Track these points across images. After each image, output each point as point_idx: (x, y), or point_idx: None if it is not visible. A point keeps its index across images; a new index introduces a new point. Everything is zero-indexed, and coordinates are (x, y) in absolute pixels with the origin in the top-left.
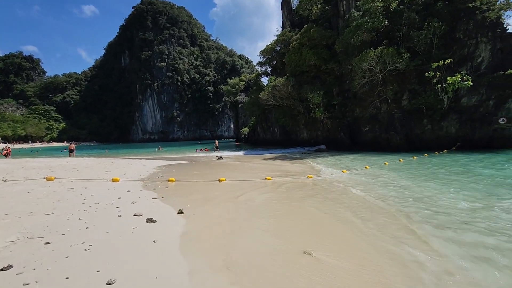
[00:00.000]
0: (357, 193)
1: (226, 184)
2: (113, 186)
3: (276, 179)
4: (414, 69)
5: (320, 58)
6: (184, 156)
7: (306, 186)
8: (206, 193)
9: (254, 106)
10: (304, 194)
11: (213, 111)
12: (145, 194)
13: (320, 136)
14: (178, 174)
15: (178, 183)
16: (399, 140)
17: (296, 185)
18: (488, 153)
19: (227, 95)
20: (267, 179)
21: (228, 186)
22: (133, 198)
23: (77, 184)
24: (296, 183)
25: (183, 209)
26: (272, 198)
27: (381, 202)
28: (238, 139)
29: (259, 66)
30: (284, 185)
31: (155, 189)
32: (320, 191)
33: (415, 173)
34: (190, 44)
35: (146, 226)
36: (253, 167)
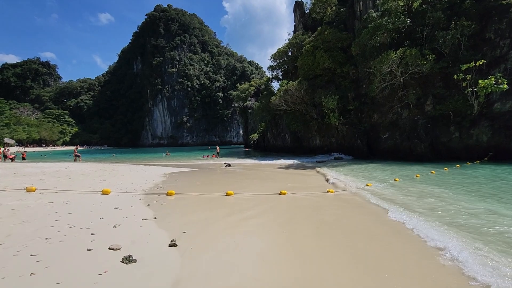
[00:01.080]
0: (422, 233)
1: (234, 199)
2: (100, 201)
3: (291, 193)
4: (438, 72)
5: (335, 61)
6: (190, 163)
7: (330, 205)
8: (209, 211)
9: (264, 111)
10: (331, 218)
11: (222, 117)
12: (135, 213)
13: (334, 143)
14: (181, 184)
15: (179, 197)
16: (423, 148)
17: (316, 203)
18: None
19: (237, 100)
20: (282, 193)
21: (236, 202)
22: (117, 219)
23: (59, 197)
24: (316, 200)
25: (177, 238)
26: (290, 224)
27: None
28: (247, 145)
29: (270, 70)
30: (302, 203)
31: (150, 205)
32: (351, 215)
33: (469, 190)
34: (201, 50)
35: (120, 270)
36: (264, 177)
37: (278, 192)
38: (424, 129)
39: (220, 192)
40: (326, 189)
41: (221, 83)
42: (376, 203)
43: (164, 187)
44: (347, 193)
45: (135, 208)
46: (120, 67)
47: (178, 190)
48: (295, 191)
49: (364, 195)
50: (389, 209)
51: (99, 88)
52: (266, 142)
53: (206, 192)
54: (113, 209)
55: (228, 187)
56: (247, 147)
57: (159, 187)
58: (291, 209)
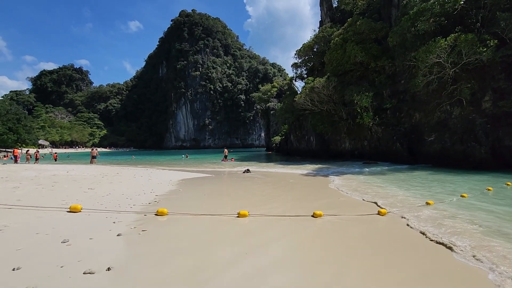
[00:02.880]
0: None
1: (249, 223)
2: (53, 226)
3: (328, 214)
4: (499, 62)
5: (369, 54)
6: (206, 167)
7: (395, 241)
8: (205, 250)
9: (287, 112)
10: (415, 270)
11: (244, 120)
12: (86, 254)
13: (367, 146)
14: (185, 196)
15: (171, 219)
16: (483, 153)
17: (370, 236)
18: None
19: (259, 102)
20: (316, 215)
21: (251, 229)
22: (43, 272)
23: (4, 217)
24: (368, 229)
25: None
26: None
27: None
28: (269, 148)
29: (293, 68)
30: (349, 233)
31: (121, 235)
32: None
33: None
34: (224, 53)
35: None
36: (289, 187)
37: (311, 213)
38: (483, 130)
39: (231, 211)
40: (374, 207)
41: (243, 85)
42: (444, 240)
43: (161, 200)
44: (411, 217)
45: (93, 242)
46: (147, 72)
47: (177, 205)
48: (333, 210)
49: (430, 218)
50: (482, 260)
51: (127, 92)
52: (289, 145)
53: (211, 211)
54: (58, 245)
55: (243, 202)
56: (269, 150)
57: (155, 200)
58: (335, 248)
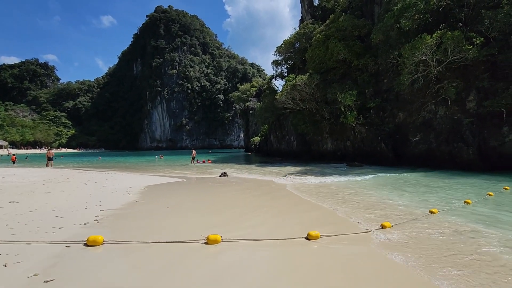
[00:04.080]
0: None
1: (221, 255)
2: None
3: (327, 235)
4: (483, 61)
5: (351, 51)
6: (179, 171)
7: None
8: None
9: (267, 111)
10: None
11: (223, 120)
12: None
13: (350, 147)
14: (139, 212)
15: (106, 252)
16: (471, 154)
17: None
18: None
19: (238, 101)
20: (311, 237)
21: (223, 267)
22: None
23: None
24: (381, 261)
25: None
26: None
27: None
28: (248, 149)
29: (274, 66)
30: (357, 263)
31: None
32: None
33: None
34: (202, 52)
35: None
36: (273, 195)
37: (304, 233)
38: (470, 130)
39: (197, 234)
40: (378, 222)
41: (222, 85)
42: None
43: (105, 217)
44: (410, 237)
45: None
46: (120, 69)
47: (124, 227)
48: (327, 226)
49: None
50: None
51: (98, 90)
52: (269, 146)
53: (170, 235)
54: None
55: (215, 219)
56: (248, 151)
57: (96, 218)
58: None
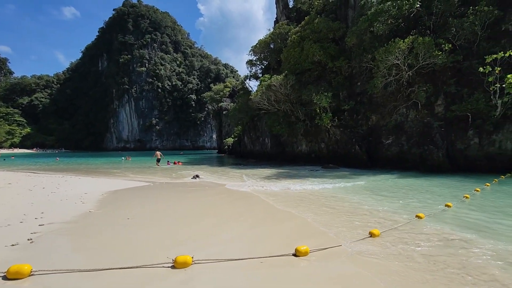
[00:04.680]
0: None
1: (190, 283)
2: None
3: (316, 249)
4: (449, 68)
5: (326, 54)
6: (147, 174)
7: None
8: None
9: (241, 112)
10: None
11: (195, 120)
12: None
13: (324, 149)
14: (91, 226)
15: (35, 285)
16: (440, 156)
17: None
18: None
19: (211, 102)
20: (299, 253)
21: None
22: None
23: None
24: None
25: None
26: None
27: None
28: (221, 150)
29: (248, 66)
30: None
31: None
32: None
33: None
34: (173, 50)
35: None
36: (249, 203)
37: (291, 249)
38: (440, 133)
39: (162, 255)
40: (358, 227)
41: (194, 85)
42: None
43: (45, 235)
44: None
45: None
46: (84, 64)
47: (67, 248)
48: (312, 238)
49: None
50: None
51: (58, 86)
52: (243, 147)
53: (128, 257)
54: None
55: (184, 233)
56: (221, 153)
57: (31, 237)
58: None
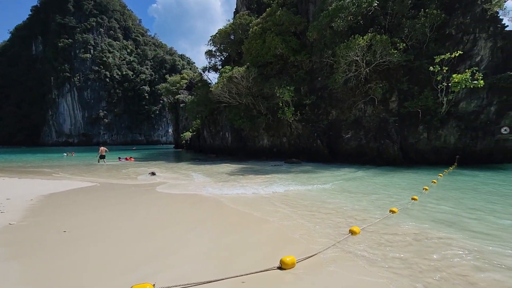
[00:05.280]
0: None
1: None
2: None
3: (303, 258)
4: (402, 66)
5: (288, 47)
6: (92, 173)
7: None
8: None
9: (200, 105)
10: None
11: (149, 114)
12: None
13: (286, 143)
14: (13, 241)
15: None
16: (396, 150)
17: None
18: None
19: (166, 94)
20: (285, 265)
21: None
22: None
23: None
24: None
25: None
26: None
27: None
28: (178, 145)
29: (207, 56)
30: None
31: None
32: None
33: None
34: (123, 37)
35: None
36: (215, 204)
37: (273, 261)
38: (395, 128)
39: (110, 284)
40: (334, 224)
41: (147, 75)
42: None
43: None
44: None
45: None
46: (13, 47)
47: None
48: (297, 243)
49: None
50: None
51: None
52: (202, 142)
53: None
54: None
55: (141, 249)
56: (178, 148)
57: None
58: None
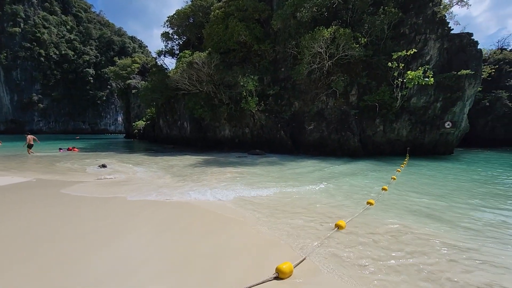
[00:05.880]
0: None
1: None
2: None
3: (298, 262)
4: (362, 61)
5: (252, 35)
6: (23, 164)
7: None
8: None
9: (155, 92)
10: None
11: (94, 100)
12: None
13: (249, 134)
14: None
15: None
16: (356, 142)
17: None
18: (444, 159)
19: (115, 78)
20: (283, 273)
21: None
22: None
23: None
24: None
25: None
26: None
27: None
28: (130, 134)
29: (164, 39)
30: None
31: None
32: None
33: None
34: (61, 11)
35: None
36: (179, 201)
37: (268, 270)
38: (356, 121)
39: None
40: (320, 220)
41: (91, 57)
42: None
43: None
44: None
45: None
46: None
47: None
48: (284, 247)
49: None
50: None
51: None
52: (157, 132)
53: None
54: None
55: (91, 266)
56: (130, 137)
57: None
58: None
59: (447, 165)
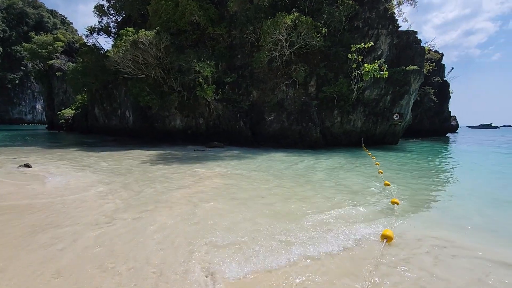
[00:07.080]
0: None
1: None
2: None
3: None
4: (321, 51)
5: (206, 16)
6: None
7: None
8: None
9: (88, 76)
10: None
11: (4, 83)
12: None
13: (203, 125)
14: None
15: None
16: (318, 133)
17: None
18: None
19: (32, 58)
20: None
21: None
22: None
23: None
24: None
25: None
26: None
27: None
28: (54, 125)
29: (97, 13)
30: None
31: None
32: None
33: None
34: None
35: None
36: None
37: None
38: (317, 112)
39: None
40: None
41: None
42: None
43: None
44: None
45: None
46: None
47: None
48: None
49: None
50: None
51: None
52: (92, 122)
53: None
54: None
55: None
56: (54, 129)
57: None
58: None
59: (402, 154)
